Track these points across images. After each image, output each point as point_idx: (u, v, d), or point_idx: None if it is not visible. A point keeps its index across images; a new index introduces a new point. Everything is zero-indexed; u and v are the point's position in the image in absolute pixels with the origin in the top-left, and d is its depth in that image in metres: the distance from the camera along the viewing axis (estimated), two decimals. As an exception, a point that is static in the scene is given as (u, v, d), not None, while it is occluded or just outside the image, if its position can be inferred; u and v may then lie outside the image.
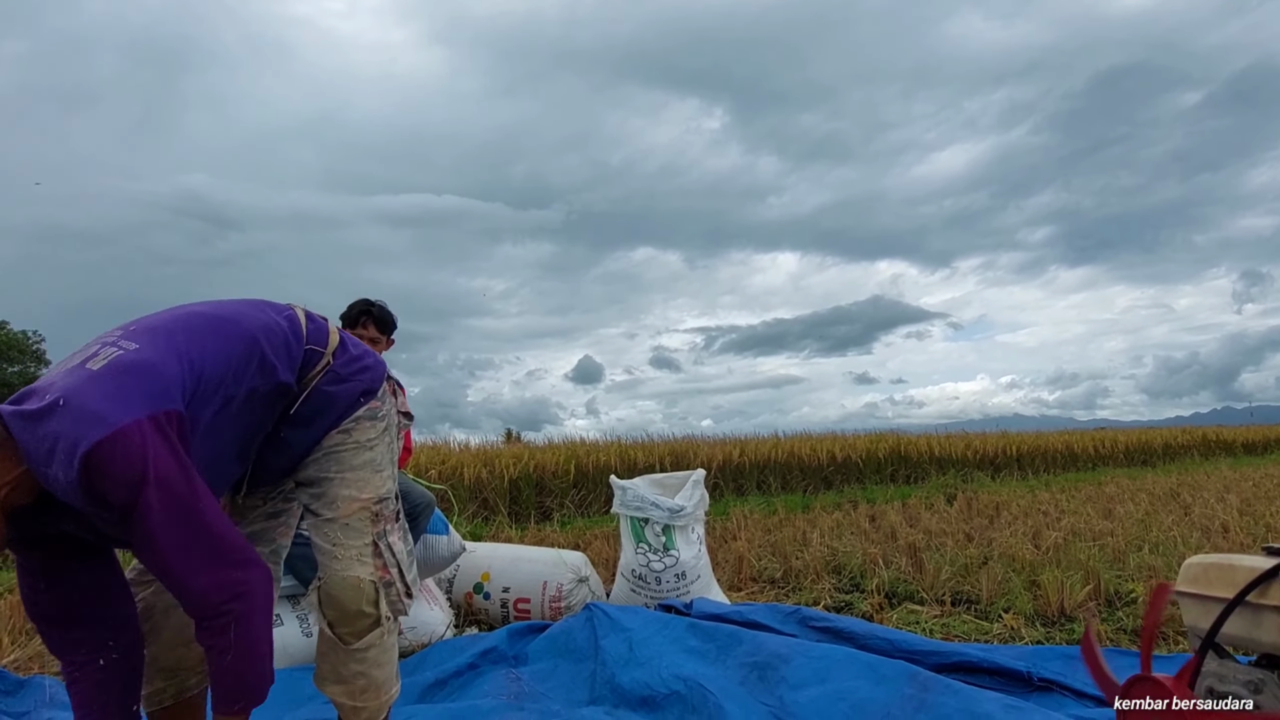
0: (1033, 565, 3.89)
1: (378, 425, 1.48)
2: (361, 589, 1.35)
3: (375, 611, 1.36)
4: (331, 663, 1.38)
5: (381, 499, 1.44)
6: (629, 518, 3.39)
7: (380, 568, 1.39)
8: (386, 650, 1.41)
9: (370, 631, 1.36)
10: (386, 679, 1.41)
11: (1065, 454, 14.89)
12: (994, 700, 1.80)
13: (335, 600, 1.35)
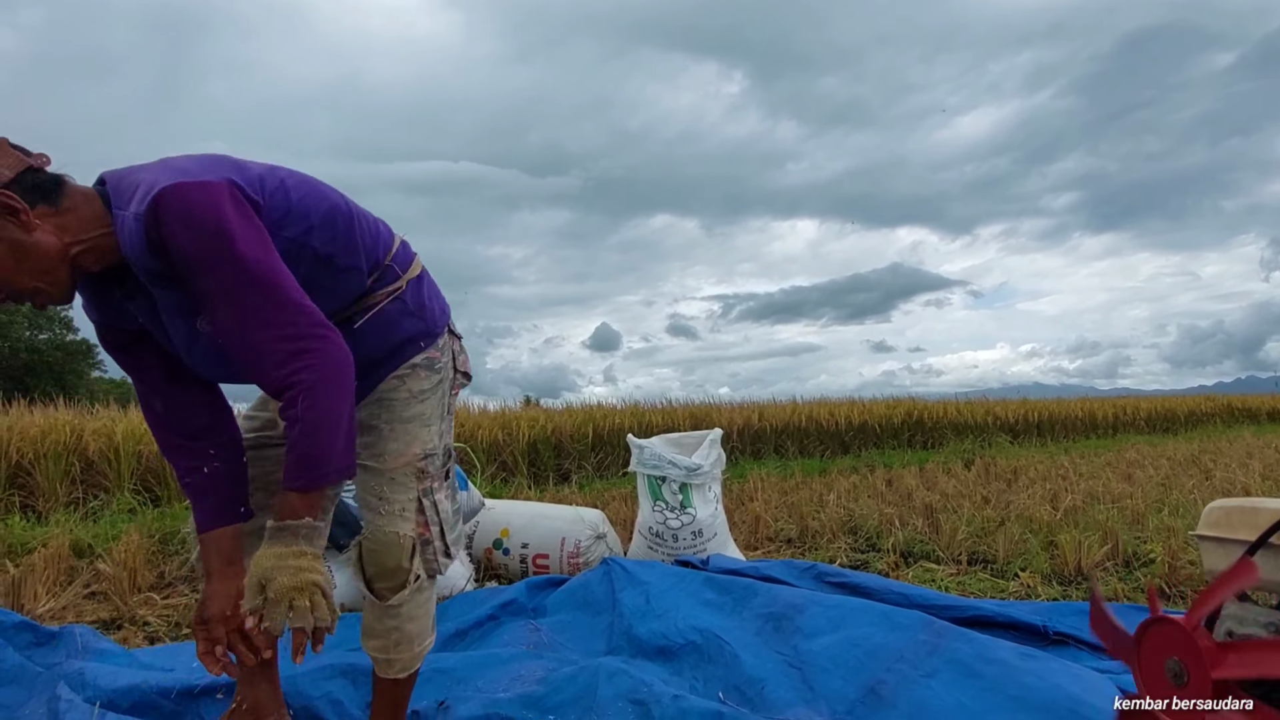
0: (1050, 526, 3.89)
1: (433, 377, 1.45)
2: (400, 545, 1.35)
3: (409, 568, 1.36)
4: (369, 619, 1.41)
5: (428, 454, 1.42)
6: (646, 476, 3.42)
7: (421, 525, 1.38)
8: (420, 605, 1.42)
9: (403, 589, 1.37)
10: (420, 631, 1.43)
11: (1086, 420, 14.80)
12: (1009, 649, 1.82)
13: (375, 554, 1.35)
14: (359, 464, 1.39)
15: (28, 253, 1.10)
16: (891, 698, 1.77)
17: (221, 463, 1.34)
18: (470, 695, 1.89)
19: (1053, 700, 1.62)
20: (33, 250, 1.10)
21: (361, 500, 1.39)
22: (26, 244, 1.09)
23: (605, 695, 1.84)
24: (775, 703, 1.82)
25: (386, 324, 1.38)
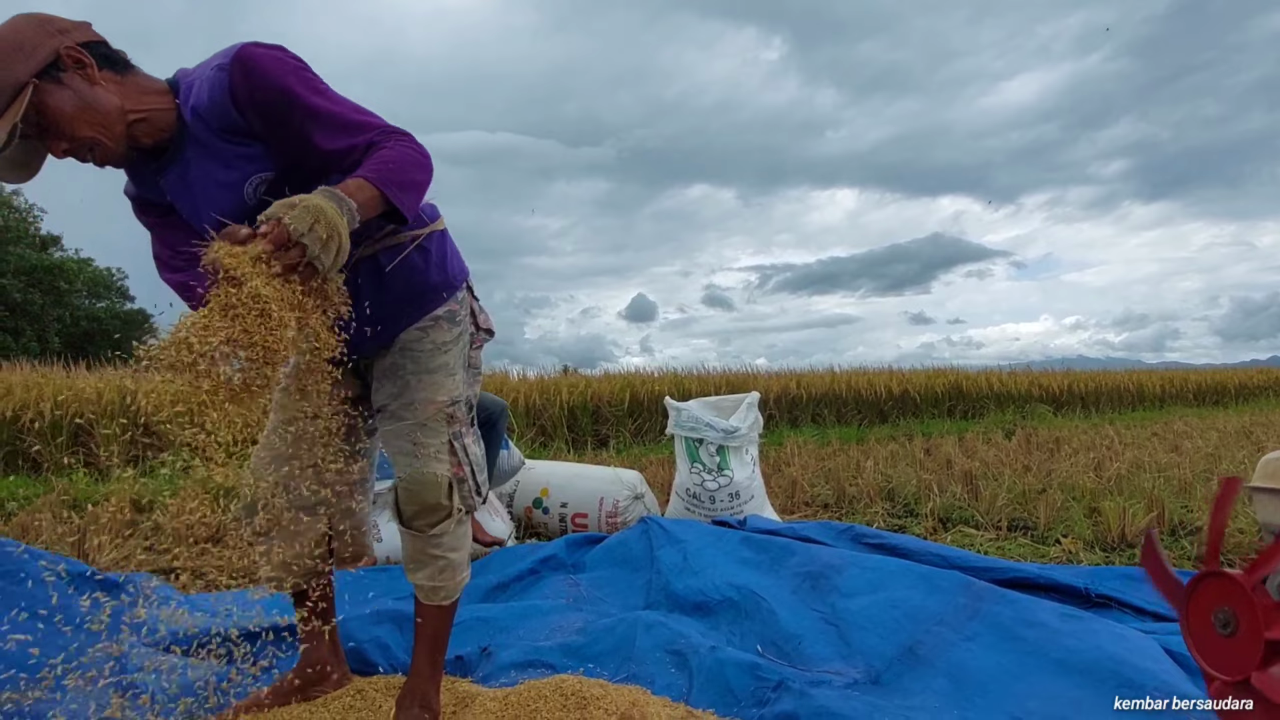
0: (1093, 493, 3.83)
1: (454, 329, 1.53)
2: (439, 484, 1.43)
3: (449, 504, 1.45)
4: (412, 552, 1.48)
5: (455, 401, 1.50)
6: (684, 438, 3.44)
7: (455, 465, 1.47)
8: (460, 537, 1.50)
9: (444, 521, 1.45)
10: (462, 561, 1.51)
11: (1133, 392, 14.46)
12: (1050, 610, 1.81)
13: (414, 494, 1.43)
14: (390, 412, 1.47)
15: (89, 103, 1.19)
16: (930, 658, 1.77)
17: None
18: (512, 643, 1.94)
19: (1095, 662, 1.60)
20: (94, 102, 1.19)
21: (395, 449, 1.46)
22: (89, 95, 1.18)
23: (643, 646, 1.87)
24: (812, 658, 1.84)
25: (411, 270, 1.47)
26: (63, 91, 1.17)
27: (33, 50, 1.14)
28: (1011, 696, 1.56)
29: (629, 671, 1.79)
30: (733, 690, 1.66)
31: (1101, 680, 1.55)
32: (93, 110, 1.19)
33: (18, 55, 1.13)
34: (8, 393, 5.82)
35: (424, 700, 1.46)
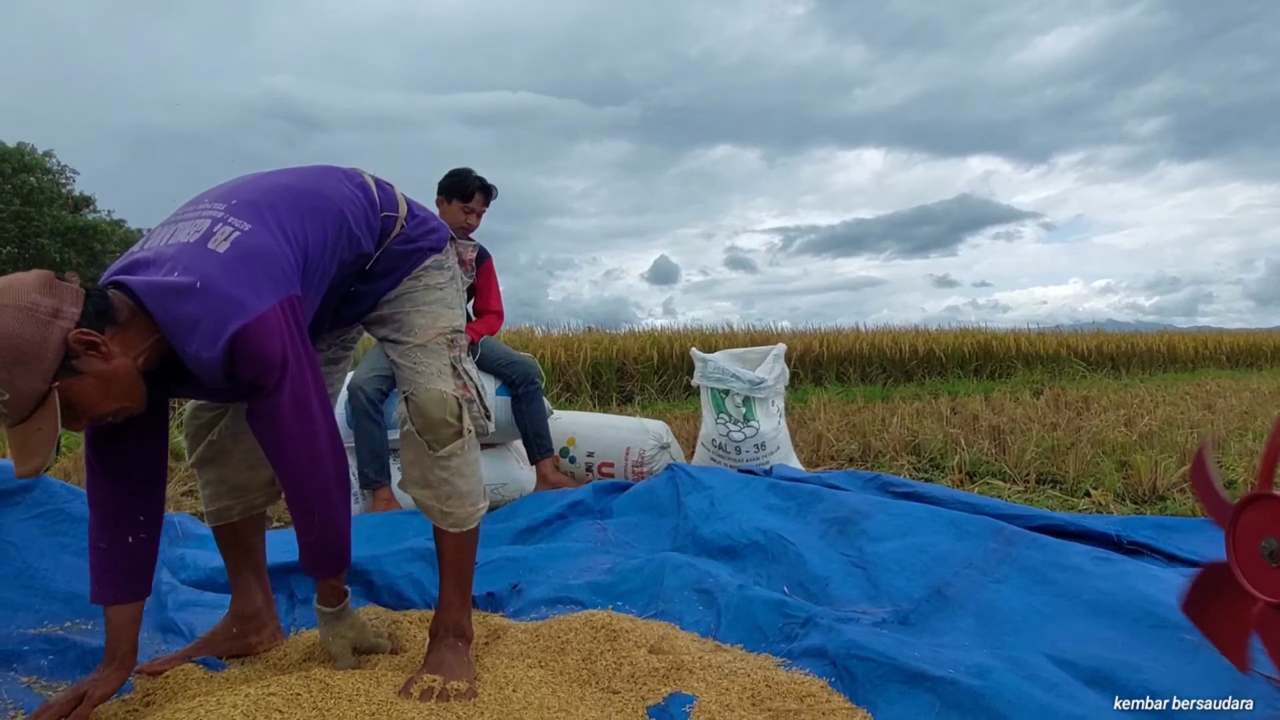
0: (1124, 447, 3.78)
1: (445, 273, 1.57)
2: (445, 401, 1.43)
3: (458, 423, 1.44)
4: (419, 469, 1.45)
5: (455, 330, 1.53)
6: (710, 389, 3.44)
7: (461, 387, 1.48)
8: (469, 463, 1.48)
9: (453, 441, 1.44)
10: (471, 491, 1.47)
11: (1165, 354, 14.21)
12: (1082, 553, 1.80)
13: (422, 410, 1.42)
14: (391, 342, 1.51)
15: (110, 380, 1.12)
16: (959, 599, 1.77)
17: (147, 535, 1.37)
18: (542, 581, 1.97)
19: (1128, 603, 1.59)
20: (114, 376, 1.12)
21: (400, 371, 1.48)
22: (108, 372, 1.11)
23: (671, 585, 1.89)
24: (839, 599, 1.85)
25: (395, 258, 1.51)
26: (83, 381, 1.09)
27: (38, 354, 1.04)
28: (1042, 637, 1.55)
29: (657, 609, 1.82)
30: (760, 627, 1.68)
31: (1135, 620, 1.53)
32: (115, 385, 1.13)
33: (24, 365, 1.03)
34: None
35: (457, 628, 1.47)
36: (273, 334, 1.17)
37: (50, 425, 1.05)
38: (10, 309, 1.03)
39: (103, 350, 1.10)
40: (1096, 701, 1.28)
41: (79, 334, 1.07)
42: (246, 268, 1.18)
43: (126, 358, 1.14)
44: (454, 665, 1.39)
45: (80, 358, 1.08)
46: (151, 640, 1.69)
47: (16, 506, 1.81)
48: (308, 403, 1.26)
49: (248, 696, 1.18)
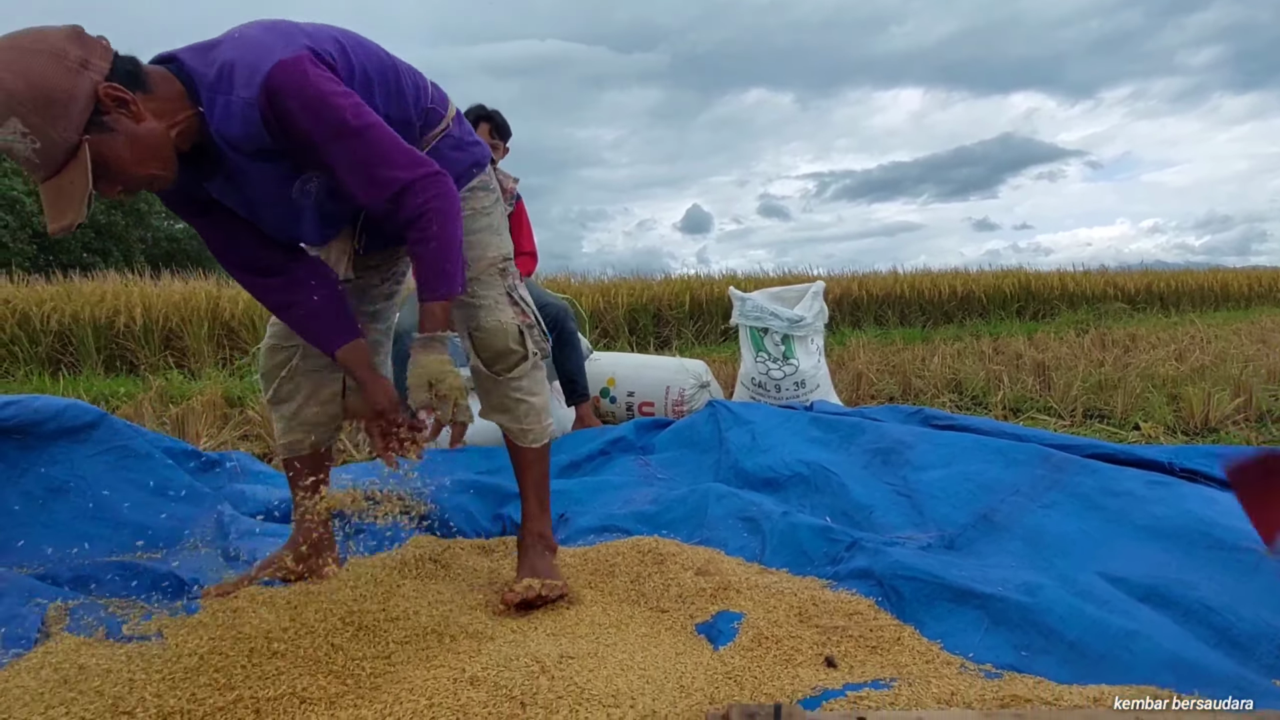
0: (1175, 380, 3.69)
1: (490, 195, 1.57)
2: (507, 330, 1.47)
3: (522, 349, 1.49)
4: (495, 397, 1.53)
5: (505, 258, 1.55)
6: (748, 328, 3.42)
7: (519, 314, 1.51)
8: (538, 381, 1.54)
9: (520, 364, 1.50)
10: (544, 406, 1.56)
11: (1216, 292, 13.76)
12: (1135, 478, 1.77)
13: (486, 342, 1.47)
14: None
15: (141, 141, 1.11)
16: (1005, 524, 1.76)
17: (325, 290, 1.42)
18: (587, 512, 2.01)
19: (1184, 526, 1.56)
20: (145, 138, 1.12)
21: (457, 307, 1.50)
22: (139, 133, 1.11)
23: (715, 514, 1.91)
24: (883, 526, 1.85)
25: (442, 163, 1.45)
26: (115, 138, 1.09)
27: (69, 101, 1.04)
28: (1093, 559, 1.54)
29: (702, 536, 1.84)
30: (806, 551, 1.69)
31: (1191, 543, 1.51)
32: (146, 147, 1.12)
33: (54, 112, 1.02)
34: (102, 299, 6.13)
35: (543, 538, 1.55)
36: (309, 70, 1.16)
37: (81, 179, 1.05)
38: (39, 53, 1.02)
39: (133, 109, 1.10)
40: (1150, 616, 1.27)
41: (109, 88, 1.07)
42: (284, 31, 1.21)
43: (158, 122, 1.13)
44: (545, 570, 1.48)
45: (110, 114, 1.07)
46: (216, 566, 1.76)
47: (84, 443, 1.89)
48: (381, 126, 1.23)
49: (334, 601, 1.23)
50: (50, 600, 1.44)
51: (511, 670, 1.03)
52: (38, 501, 1.77)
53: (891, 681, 1.13)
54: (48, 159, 1.04)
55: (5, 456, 1.75)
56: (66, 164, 1.05)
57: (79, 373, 5.58)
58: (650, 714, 0.91)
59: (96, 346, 5.86)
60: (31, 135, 1.02)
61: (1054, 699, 1.04)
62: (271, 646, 1.12)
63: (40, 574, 1.60)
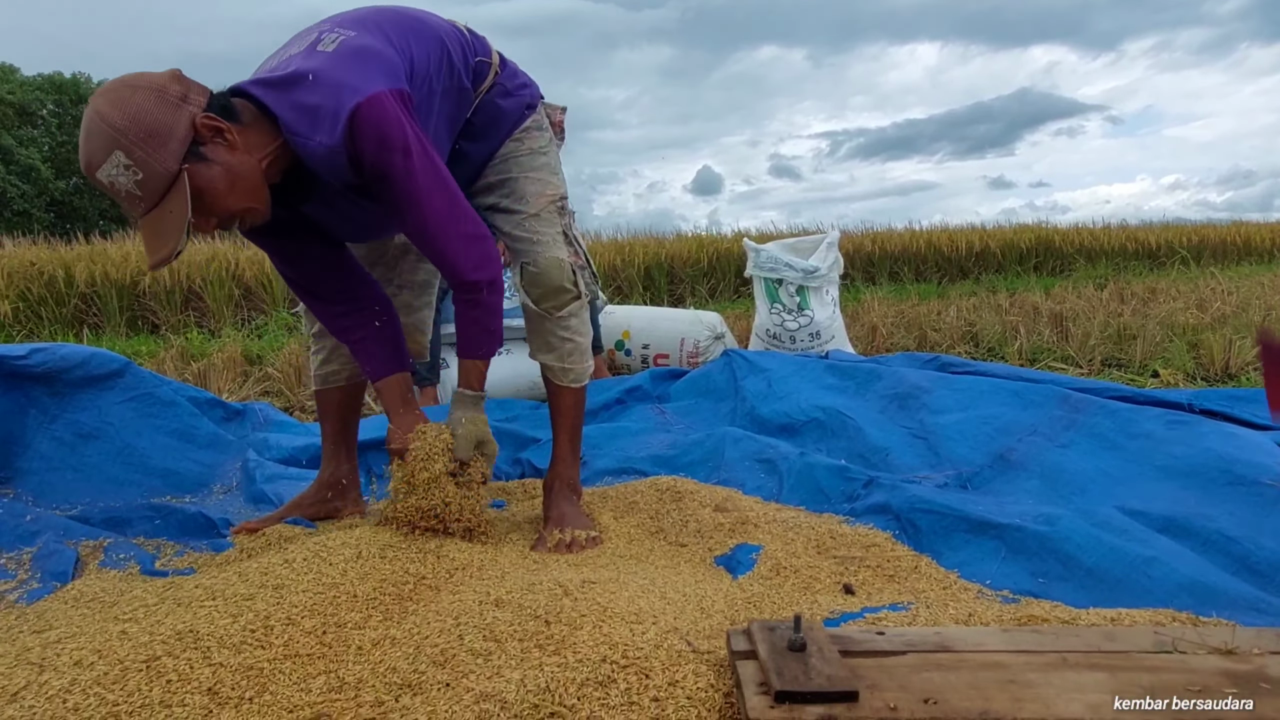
0: (1195, 329, 3.65)
1: (544, 134, 1.58)
2: (563, 268, 1.49)
3: (575, 289, 1.51)
4: (541, 336, 1.54)
5: (562, 196, 1.56)
6: (763, 279, 3.41)
7: (573, 254, 1.53)
8: (585, 322, 1.57)
9: (571, 303, 1.52)
10: (587, 346, 1.58)
11: (1239, 246, 13.51)
12: (1155, 417, 1.76)
13: (542, 278, 1.48)
14: (501, 210, 1.52)
15: (237, 173, 1.13)
16: (1022, 463, 1.77)
17: (387, 317, 1.50)
18: (605, 455, 2.03)
19: (1203, 464, 1.56)
20: (240, 170, 1.14)
21: (513, 239, 1.51)
22: (235, 165, 1.13)
23: (732, 456, 1.93)
24: (899, 467, 1.86)
25: (494, 111, 1.50)
26: (211, 169, 1.11)
27: (169, 132, 1.07)
28: (1111, 495, 1.55)
29: (719, 478, 1.86)
30: (823, 490, 1.71)
31: (1210, 480, 1.50)
32: (242, 178, 1.14)
33: (155, 142, 1.06)
34: (125, 260, 6.19)
35: (571, 483, 1.57)
36: (389, 112, 1.17)
37: (180, 209, 1.08)
38: (141, 89, 1.08)
39: (229, 139, 1.13)
40: (1169, 545, 1.28)
41: (206, 119, 1.10)
42: (356, 59, 1.21)
43: (250, 154, 1.16)
44: (575, 516, 1.50)
45: (208, 144, 1.11)
46: (244, 509, 1.80)
47: (111, 390, 1.92)
48: (444, 182, 1.27)
49: (364, 534, 1.26)
50: (84, 539, 1.48)
51: (535, 593, 1.05)
52: (68, 446, 1.80)
53: (909, 605, 1.14)
54: (149, 190, 1.07)
55: (37, 403, 1.78)
56: (166, 194, 1.08)
57: (102, 333, 5.66)
58: (672, 630, 0.93)
59: (119, 307, 5.93)
60: (134, 168, 1.06)
61: (1071, 620, 1.05)
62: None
63: (73, 515, 1.64)
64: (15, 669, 0.92)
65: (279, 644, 0.97)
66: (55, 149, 20.57)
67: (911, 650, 0.86)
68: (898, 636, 0.89)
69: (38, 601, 1.23)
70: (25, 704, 0.85)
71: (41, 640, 1.00)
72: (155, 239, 1.08)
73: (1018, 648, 0.87)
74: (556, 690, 0.81)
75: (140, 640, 0.95)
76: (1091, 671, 0.82)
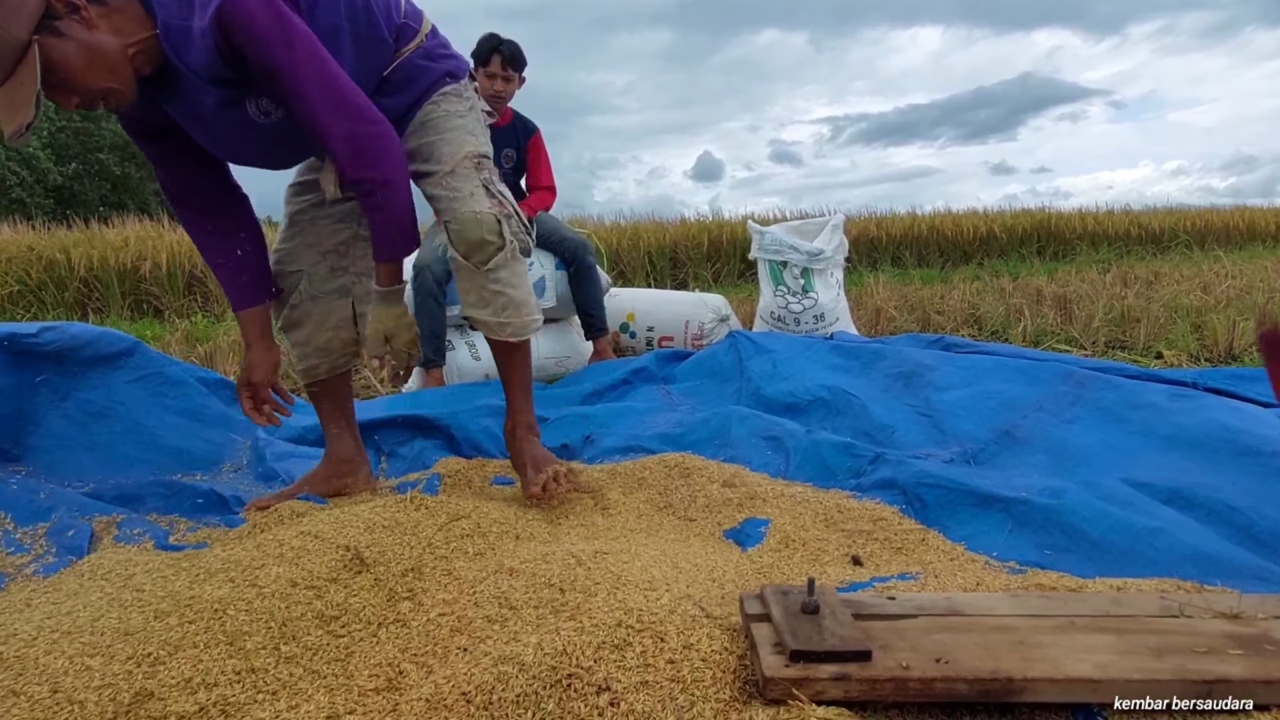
0: (1199, 310, 3.66)
1: (464, 102, 1.57)
2: (482, 220, 1.45)
3: (500, 240, 1.47)
4: (474, 290, 1.51)
5: (481, 155, 1.53)
6: (767, 261, 3.41)
7: (497, 205, 1.49)
8: (518, 274, 1.53)
9: (497, 254, 1.48)
10: (525, 300, 1.53)
11: (1243, 231, 13.47)
12: (1159, 391, 1.77)
13: (462, 234, 1.45)
14: (421, 175, 1.52)
15: (94, 51, 1.13)
16: (1028, 438, 1.78)
17: (252, 246, 1.52)
18: (612, 433, 2.04)
19: (1207, 435, 1.57)
20: (98, 48, 1.13)
21: (434, 199, 1.50)
22: (91, 42, 1.13)
23: (738, 434, 1.94)
24: (905, 444, 1.87)
25: (413, 70, 1.51)
26: (66, 44, 1.10)
27: (19, 3, 1.06)
28: (1116, 468, 1.56)
29: (726, 455, 1.86)
30: (829, 466, 1.72)
31: (1215, 450, 1.51)
32: (100, 56, 1.13)
33: (5, 10, 1.05)
34: (125, 244, 6.19)
35: (530, 425, 1.61)
36: (269, 6, 1.18)
37: (31, 78, 1.08)
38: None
39: (84, 14, 1.12)
40: (1173, 516, 1.29)
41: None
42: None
43: (112, 35, 1.15)
44: (545, 455, 1.57)
45: (62, 19, 1.10)
46: (254, 487, 1.81)
47: (120, 370, 1.93)
48: (333, 74, 1.26)
49: (375, 507, 1.27)
50: (97, 515, 1.50)
51: (549, 563, 1.06)
52: (78, 424, 1.81)
53: (917, 575, 1.16)
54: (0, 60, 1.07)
55: (48, 381, 1.79)
56: (17, 66, 1.08)
57: (106, 317, 5.67)
58: (685, 597, 0.95)
59: (121, 291, 5.94)
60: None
61: (1078, 588, 1.06)
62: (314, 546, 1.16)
63: (85, 493, 1.65)
64: (42, 629, 0.94)
65: (298, 611, 0.99)
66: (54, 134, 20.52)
67: (922, 614, 0.87)
68: (908, 601, 0.90)
69: (53, 575, 1.25)
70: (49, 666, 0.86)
71: (64, 608, 1.02)
72: (8, 109, 1.09)
73: (1027, 612, 0.89)
74: (573, 653, 0.82)
75: (161, 608, 0.97)
76: (1099, 634, 0.84)
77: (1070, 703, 0.77)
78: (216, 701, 0.85)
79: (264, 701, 0.86)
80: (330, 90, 1.25)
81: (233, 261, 1.50)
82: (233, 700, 0.85)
